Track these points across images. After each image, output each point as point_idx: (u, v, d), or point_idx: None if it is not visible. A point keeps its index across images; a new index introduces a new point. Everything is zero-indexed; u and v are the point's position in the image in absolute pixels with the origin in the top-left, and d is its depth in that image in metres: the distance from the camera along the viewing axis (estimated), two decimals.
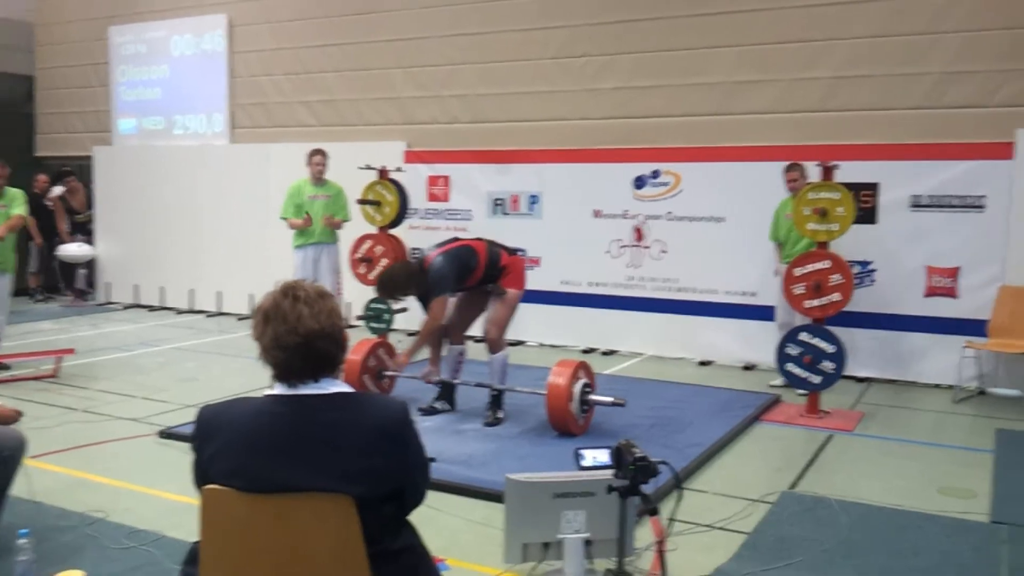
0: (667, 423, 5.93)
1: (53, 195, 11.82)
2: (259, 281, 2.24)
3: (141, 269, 11.60)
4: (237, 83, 11.00)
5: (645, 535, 3.95)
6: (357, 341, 6.20)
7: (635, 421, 5.86)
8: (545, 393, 5.46)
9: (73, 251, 11.62)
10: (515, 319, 6.07)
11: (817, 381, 6.18)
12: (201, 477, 2.10)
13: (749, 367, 7.94)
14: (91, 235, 11.92)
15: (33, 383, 7.10)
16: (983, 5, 7.15)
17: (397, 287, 5.63)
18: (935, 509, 4.43)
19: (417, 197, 9.04)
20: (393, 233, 7.66)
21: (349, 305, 8.85)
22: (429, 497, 2.34)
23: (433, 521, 4.05)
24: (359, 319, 7.72)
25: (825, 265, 6.07)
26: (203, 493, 2.06)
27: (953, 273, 7.20)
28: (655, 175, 8.39)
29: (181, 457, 4.93)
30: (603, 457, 3.42)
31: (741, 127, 8.07)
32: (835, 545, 3.93)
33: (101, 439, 5.56)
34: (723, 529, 4.16)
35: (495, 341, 5.90)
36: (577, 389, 5.47)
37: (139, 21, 11.73)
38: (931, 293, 7.29)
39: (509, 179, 9.09)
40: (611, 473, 3.32)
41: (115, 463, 5.09)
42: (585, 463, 3.46)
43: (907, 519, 4.27)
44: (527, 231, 8.97)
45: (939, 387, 7.22)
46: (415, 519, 2.24)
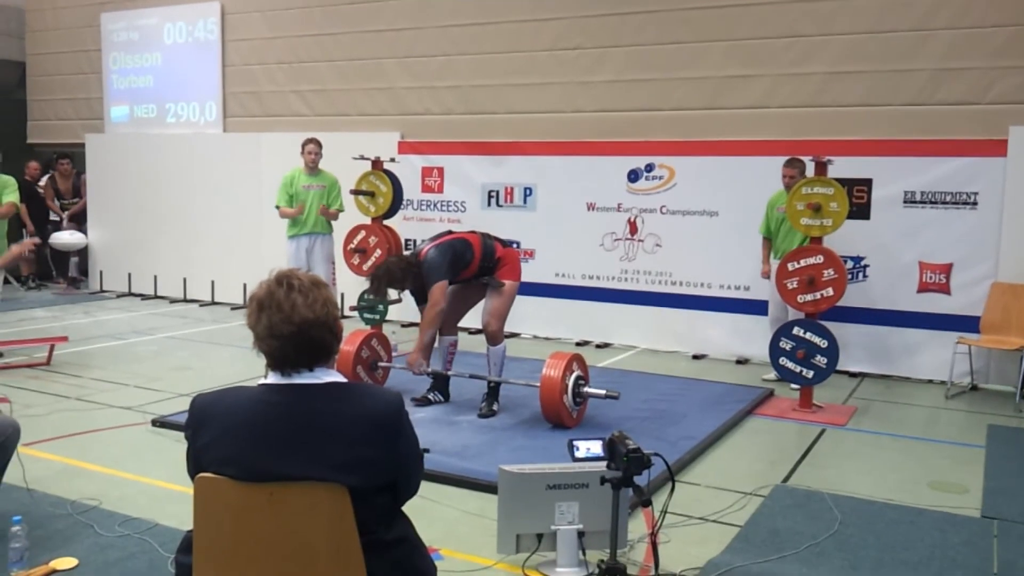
0: (660, 416, 5.95)
1: (43, 182, 11.81)
2: (252, 270, 2.24)
3: (134, 257, 11.55)
4: (230, 72, 10.94)
5: (639, 527, 3.97)
6: (351, 332, 6.19)
7: (629, 414, 5.87)
8: (539, 385, 5.47)
9: (66, 239, 11.57)
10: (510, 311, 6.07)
11: (810, 375, 6.20)
12: (195, 466, 2.10)
13: (742, 361, 7.96)
14: (83, 223, 11.87)
15: (26, 371, 7.08)
16: (975, 2, 7.15)
17: (393, 280, 5.61)
18: (927, 503, 4.46)
19: (411, 188, 9.02)
20: (387, 224, 7.64)
21: (343, 295, 8.83)
22: (423, 488, 2.35)
23: (427, 512, 4.05)
24: (353, 309, 7.70)
25: (818, 260, 6.08)
26: (196, 482, 2.06)
27: (946, 269, 7.23)
28: (649, 168, 8.39)
29: (174, 445, 4.94)
30: (596, 448, 3.44)
31: (735, 121, 8.07)
32: (827, 538, 3.95)
33: (94, 427, 5.54)
34: (716, 522, 4.18)
35: (496, 333, 5.91)
36: (571, 382, 5.48)
37: (131, 8, 11.65)
38: (924, 289, 7.32)
39: (503, 171, 9.08)
40: (604, 464, 3.33)
41: (108, 451, 5.08)
42: (579, 454, 3.47)
43: (899, 513, 4.29)
44: (521, 223, 8.97)
45: (932, 383, 7.25)
46: (409, 510, 2.24)
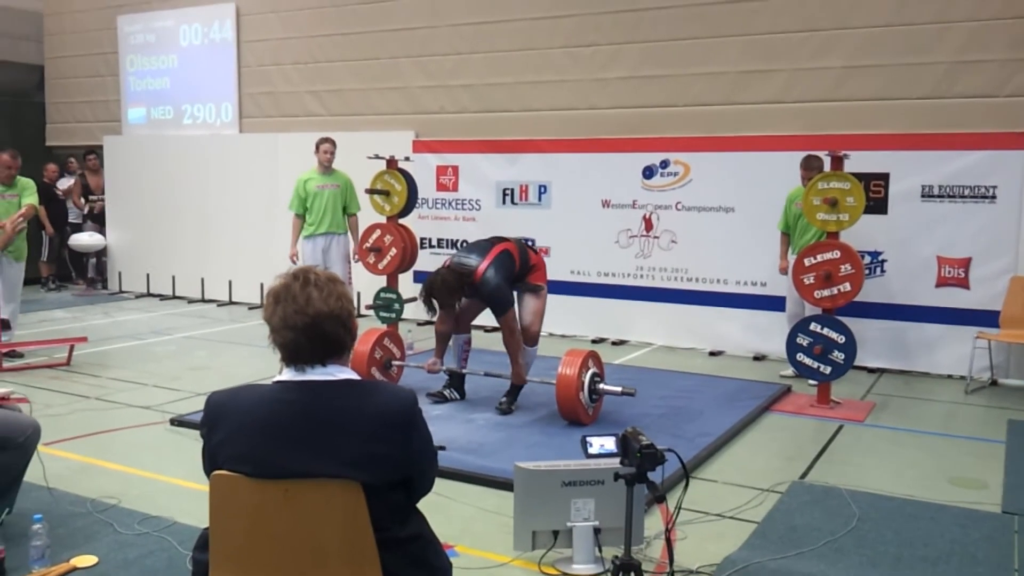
0: (677, 413, 5.93)
1: (65, 186, 11.92)
2: (269, 270, 2.26)
3: (152, 258, 11.65)
4: (246, 72, 11.00)
5: (656, 523, 3.96)
6: (364, 331, 6.20)
7: (645, 411, 5.86)
8: (555, 383, 5.47)
9: (85, 240, 11.66)
10: None
11: (827, 371, 6.16)
12: (210, 463, 2.11)
13: (759, 357, 7.93)
14: (103, 224, 11.96)
15: (46, 371, 7.15)
16: None
17: (452, 292, 5.54)
18: (946, 499, 4.42)
19: (426, 187, 9.04)
20: (402, 223, 7.66)
21: (359, 294, 8.86)
22: (439, 485, 2.35)
23: (444, 509, 4.07)
24: (369, 308, 7.73)
25: (835, 255, 6.04)
26: (212, 479, 2.07)
27: (964, 264, 7.16)
28: (664, 165, 8.36)
29: (192, 444, 4.97)
30: (609, 444, 3.42)
31: (750, 116, 8.03)
32: (845, 534, 3.93)
33: (114, 426, 5.59)
34: (733, 518, 4.16)
35: (537, 334, 5.98)
36: (587, 379, 5.48)
37: (147, 10, 11.74)
38: (942, 283, 7.26)
39: (518, 169, 9.08)
40: (618, 461, 3.33)
41: (127, 450, 5.13)
42: (592, 450, 3.46)
43: (918, 509, 4.26)
44: (536, 221, 8.96)
45: (951, 378, 7.19)
46: (425, 506, 2.25)
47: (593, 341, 8.60)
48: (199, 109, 11.45)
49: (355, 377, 2.15)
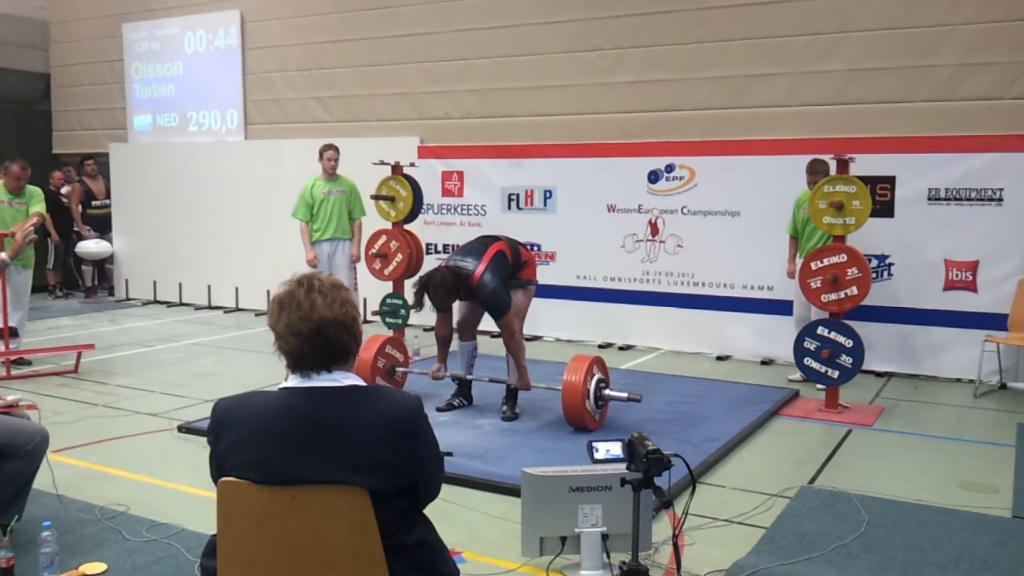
0: (684, 418, 5.91)
1: (68, 188, 11.92)
2: (275, 277, 2.27)
3: (159, 265, 11.67)
4: (251, 79, 11.03)
5: (664, 529, 3.94)
6: (369, 337, 6.20)
7: (652, 416, 5.84)
8: (560, 389, 5.45)
9: (91, 248, 11.68)
10: (531, 314, 6.12)
11: (835, 376, 6.14)
12: (217, 470, 2.12)
13: (767, 362, 7.91)
14: (108, 231, 11.97)
15: (54, 378, 7.16)
16: None
17: (449, 293, 5.53)
18: (956, 504, 4.40)
19: (431, 192, 9.04)
20: (408, 228, 7.67)
21: (365, 300, 8.86)
22: (446, 491, 2.35)
23: (450, 515, 4.06)
24: (375, 314, 7.73)
25: (842, 259, 6.02)
26: (219, 486, 2.07)
27: (972, 267, 7.14)
28: (669, 169, 8.36)
29: (200, 451, 4.97)
30: (616, 450, 3.42)
31: (756, 120, 8.03)
32: (854, 540, 3.91)
33: (121, 433, 5.60)
34: (742, 523, 4.15)
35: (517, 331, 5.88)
36: (592, 385, 5.46)
37: (152, 18, 11.79)
38: (950, 287, 7.23)
39: (523, 174, 9.08)
40: (625, 466, 3.32)
41: (135, 457, 5.13)
42: (598, 456, 3.45)
43: (927, 514, 4.24)
44: (541, 226, 8.96)
45: (959, 382, 7.16)
46: (432, 513, 2.24)
47: (600, 346, 8.59)
48: (204, 116, 11.48)
49: (361, 383, 2.15)
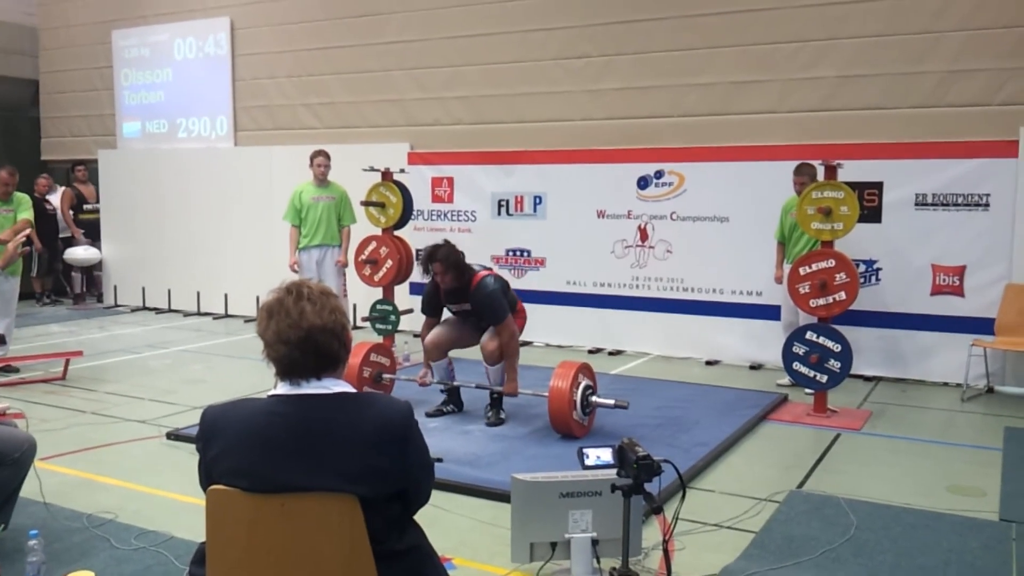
0: (674, 423, 5.93)
1: (56, 194, 11.87)
2: (265, 283, 2.26)
3: (148, 272, 11.63)
4: (240, 86, 11.02)
5: (654, 534, 3.95)
6: (356, 344, 6.17)
7: (641, 421, 5.85)
8: (547, 395, 5.44)
9: (80, 255, 11.64)
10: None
11: (824, 380, 6.17)
12: (206, 477, 2.12)
13: (756, 366, 7.93)
14: (97, 237, 11.93)
15: (42, 385, 7.13)
16: (984, 3, 7.14)
17: (453, 269, 5.57)
18: (944, 507, 4.42)
19: (421, 199, 9.05)
20: (398, 235, 7.67)
21: (355, 306, 8.85)
22: (436, 497, 2.35)
23: (440, 521, 4.06)
24: (365, 320, 7.72)
25: (830, 264, 6.06)
26: (209, 493, 2.07)
27: (959, 272, 7.19)
28: (659, 175, 8.38)
29: (189, 458, 4.94)
30: (606, 456, 3.42)
31: (744, 127, 8.07)
32: (843, 544, 3.92)
33: (110, 441, 5.57)
34: (731, 528, 4.16)
35: (498, 359, 5.84)
36: (579, 394, 5.42)
37: (142, 25, 11.77)
38: (937, 292, 7.27)
39: (513, 180, 9.09)
40: (615, 472, 3.32)
41: (124, 465, 5.11)
42: (589, 462, 3.45)
43: (916, 517, 4.26)
44: (531, 232, 8.98)
45: (947, 385, 7.20)
46: (422, 519, 2.25)
47: (589, 351, 8.60)
48: (194, 123, 11.46)
49: (350, 390, 2.15)
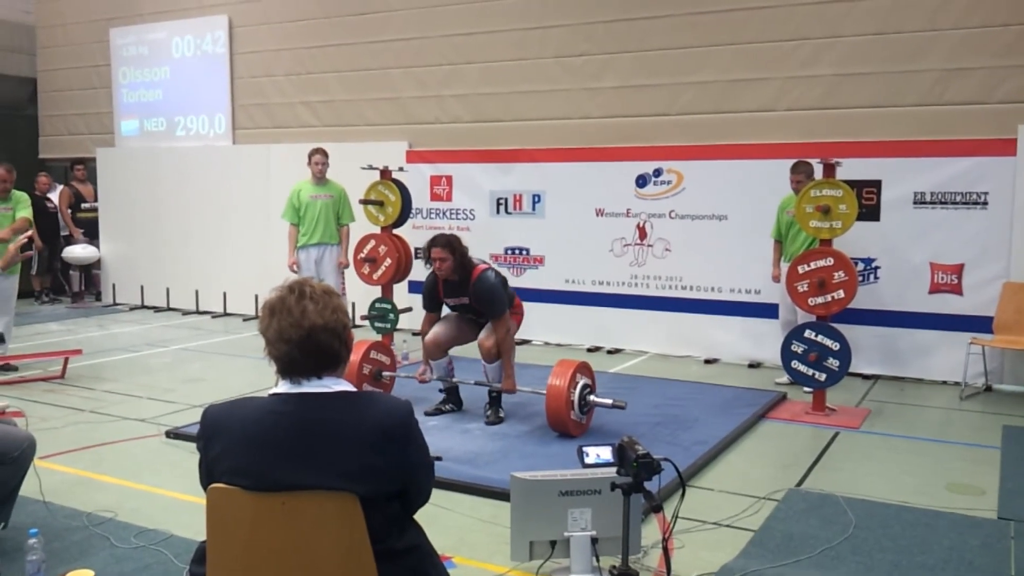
0: (672, 421, 5.93)
1: (56, 192, 11.85)
2: (264, 282, 2.26)
3: (146, 270, 11.62)
4: (238, 84, 11.01)
5: (654, 532, 3.96)
6: (355, 342, 6.18)
7: (640, 419, 5.85)
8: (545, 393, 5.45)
9: (78, 253, 11.63)
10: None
11: (822, 378, 6.18)
12: (207, 476, 2.12)
13: (754, 365, 7.94)
14: (95, 236, 11.92)
15: (41, 384, 7.12)
16: (982, 1, 7.14)
17: (459, 254, 5.65)
18: (942, 506, 4.43)
19: (420, 197, 9.04)
20: (396, 233, 7.67)
21: (354, 305, 8.85)
22: (436, 496, 2.35)
23: (440, 520, 4.06)
24: (364, 319, 7.72)
25: (828, 262, 6.06)
26: (209, 492, 2.07)
27: (957, 270, 7.19)
28: (657, 173, 8.39)
29: (188, 457, 4.96)
30: (606, 454, 3.43)
31: (743, 125, 8.07)
32: (842, 542, 3.93)
33: (109, 439, 5.57)
34: (730, 526, 4.16)
35: (495, 356, 5.85)
36: (576, 393, 5.41)
37: (140, 23, 11.75)
38: (935, 290, 7.28)
39: (511, 178, 9.09)
40: (615, 470, 3.33)
41: (123, 463, 5.11)
42: (588, 460, 3.46)
43: (914, 516, 4.27)
44: (530, 230, 8.98)
45: (945, 384, 7.21)
46: (422, 518, 2.25)
47: (588, 350, 8.60)
48: (192, 121, 11.44)
49: (351, 389, 2.15)
